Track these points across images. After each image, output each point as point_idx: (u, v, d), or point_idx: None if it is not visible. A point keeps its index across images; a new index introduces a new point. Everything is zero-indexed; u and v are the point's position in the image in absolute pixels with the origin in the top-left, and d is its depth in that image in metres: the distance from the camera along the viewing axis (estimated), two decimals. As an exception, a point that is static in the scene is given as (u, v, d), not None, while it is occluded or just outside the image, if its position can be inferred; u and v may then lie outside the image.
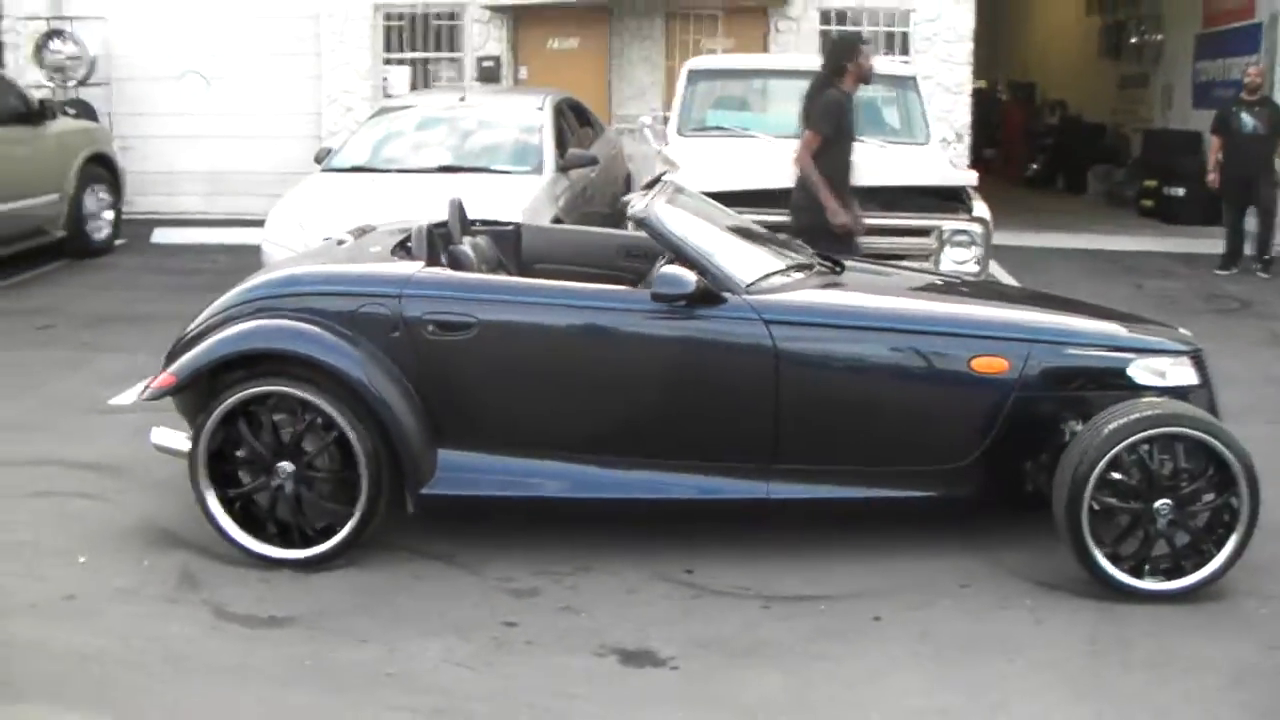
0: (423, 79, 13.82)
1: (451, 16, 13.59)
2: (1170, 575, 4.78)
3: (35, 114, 11.31)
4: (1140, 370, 5.12)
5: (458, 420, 5.06)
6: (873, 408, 5.03)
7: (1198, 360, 5.26)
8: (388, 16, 13.82)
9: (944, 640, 4.49)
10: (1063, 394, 5.03)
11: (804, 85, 8.06)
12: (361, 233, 6.17)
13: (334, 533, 5.05)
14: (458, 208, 6.05)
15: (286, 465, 5.06)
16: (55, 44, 13.93)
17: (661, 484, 5.05)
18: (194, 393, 5.16)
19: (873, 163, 7.77)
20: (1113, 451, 4.67)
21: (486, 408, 5.07)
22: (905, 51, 12.55)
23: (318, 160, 10.00)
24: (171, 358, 5.25)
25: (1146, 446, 4.71)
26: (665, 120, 9.61)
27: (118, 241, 12.36)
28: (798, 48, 12.49)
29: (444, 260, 5.55)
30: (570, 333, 5.04)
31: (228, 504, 5.12)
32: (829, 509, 5.16)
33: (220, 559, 5.14)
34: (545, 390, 5.04)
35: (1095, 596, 4.76)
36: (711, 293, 4.94)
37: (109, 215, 12.15)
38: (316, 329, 5.03)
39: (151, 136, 14.42)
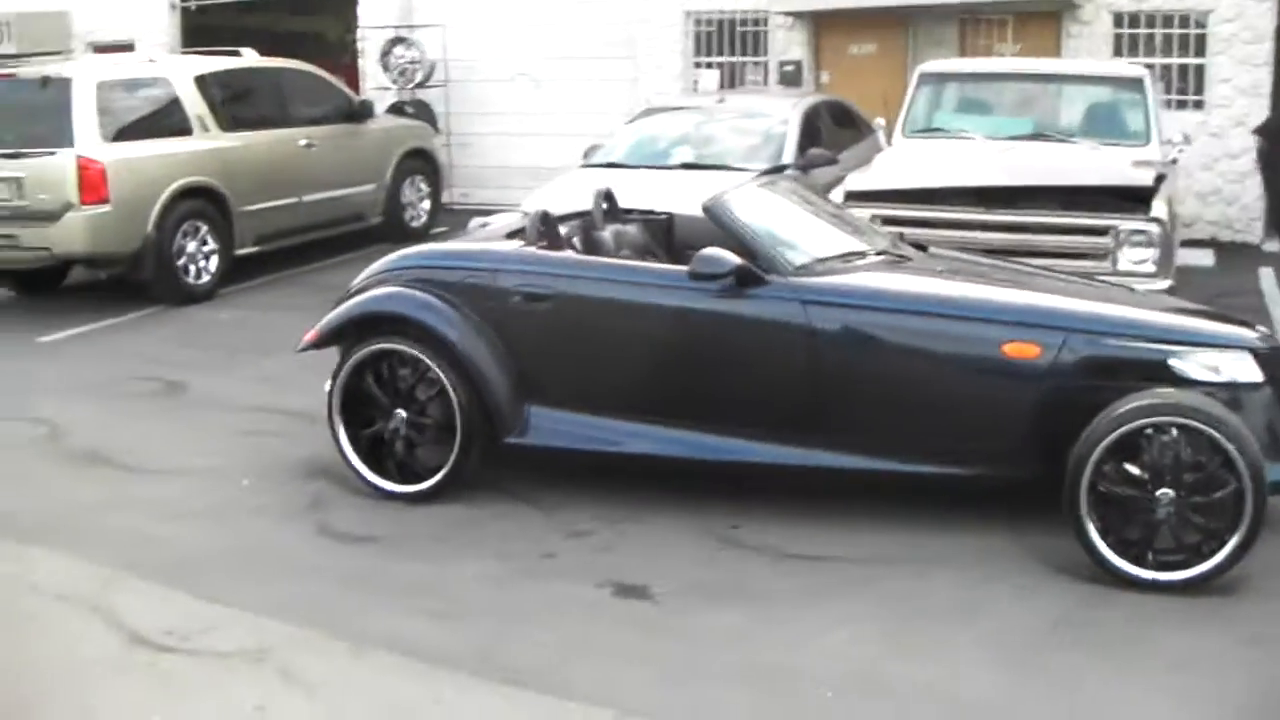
0: (730, 81, 14.74)
1: (756, 22, 14.43)
2: (1172, 567, 4.92)
3: (358, 113, 13.09)
4: (1187, 364, 5.26)
5: (542, 380, 5.94)
6: (906, 385, 5.47)
7: (1263, 357, 5.33)
8: (698, 22, 14.84)
9: (916, 604, 4.91)
10: (1099, 383, 5.23)
11: (1032, 88, 8.40)
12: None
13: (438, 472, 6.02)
14: (602, 197, 6.91)
15: (401, 412, 6.09)
16: (399, 50, 15.88)
17: (710, 445, 5.70)
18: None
19: (1061, 163, 8.00)
20: (1111, 437, 4.91)
21: (563, 370, 5.92)
22: (1201, 53, 12.28)
23: (585, 156, 11.09)
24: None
25: (1150, 435, 4.90)
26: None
27: (436, 229, 13.97)
28: (1090, 52, 12.48)
29: (577, 244, 6.42)
30: (625, 306, 5.81)
31: (355, 442, 6.20)
32: (868, 479, 5.61)
33: (350, 490, 6.24)
34: (607, 356, 5.84)
35: (1093, 581, 5.00)
36: (753, 274, 5.55)
37: (426, 205, 13.85)
38: (428, 296, 6.06)
39: (486, 134, 16.10)
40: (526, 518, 5.91)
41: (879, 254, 6.03)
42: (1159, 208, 7.72)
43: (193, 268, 11.05)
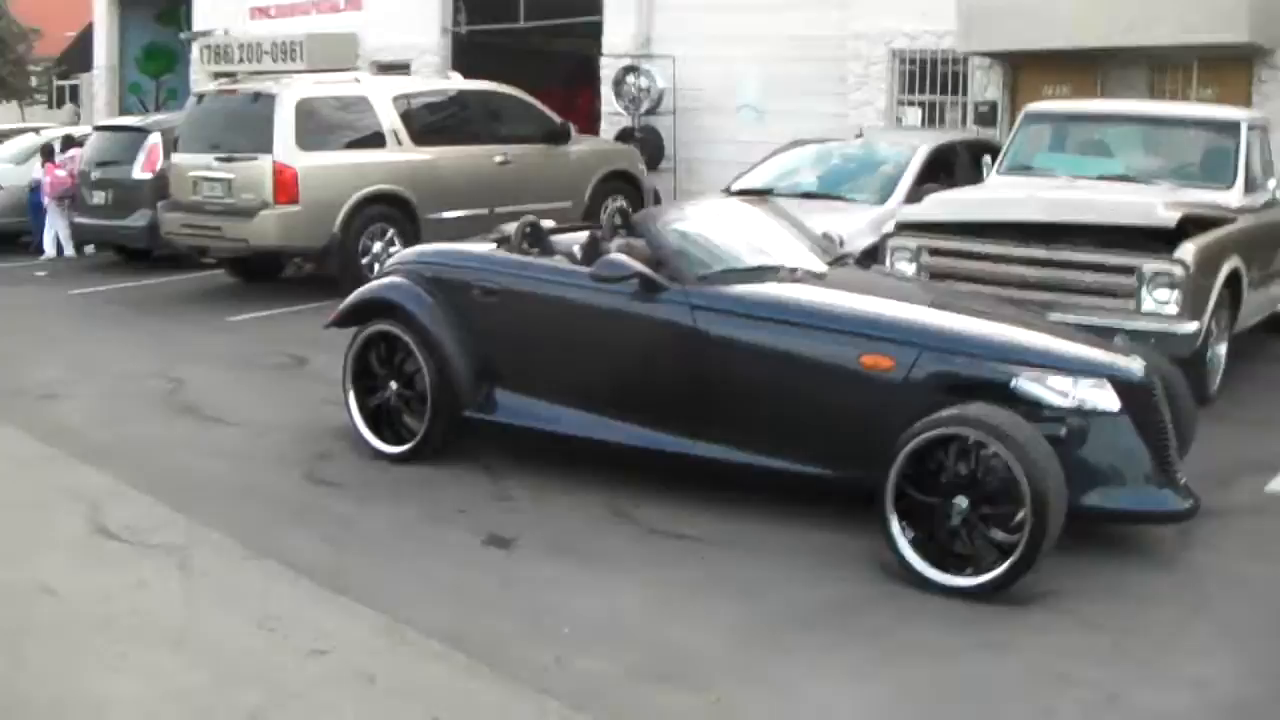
0: (931, 119, 15.41)
1: (957, 62, 15.04)
2: (963, 573, 5.49)
3: (558, 134, 14.56)
4: (1032, 385, 5.79)
5: (497, 364, 7.10)
6: (777, 388, 6.26)
7: (1124, 388, 5.83)
8: (903, 61, 15.57)
9: (715, 580, 5.69)
10: (949, 398, 5.79)
11: (1131, 130, 8.93)
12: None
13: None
14: (614, 213, 8.02)
15: (393, 384, 7.40)
16: (630, 78, 17.31)
17: (621, 430, 6.68)
18: None
19: (1099, 200, 8.52)
20: (910, 445, 5.61)
21: (511, 356, 7.05)
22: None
23: (730, 184, 12.15)
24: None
25: (949, 446, 5.58)
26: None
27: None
28: (1280, 97, 12.54)
29: (576, 251, 7.54)
30: (553, 302, 6.87)
31: (363, 408, 7.54)
32: (748, 473, 6.45)
33: (355, 448, 7.56)
34: (541, 345, 6.93)
35: (895, 580, 5.63)
36: (652, 280, 6.53)
37: (623, 222, 15.15)
38: (416, 288, 7.32)
39: (710, 160, 17.27)
40: (474, 482, 7.05)
41: (794, 269, 6.78)
42: (1185, 250, 8.07)
43: (377, 265, 12.68)
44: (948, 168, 11.52)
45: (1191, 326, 8.09)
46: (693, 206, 7.75)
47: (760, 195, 9.61)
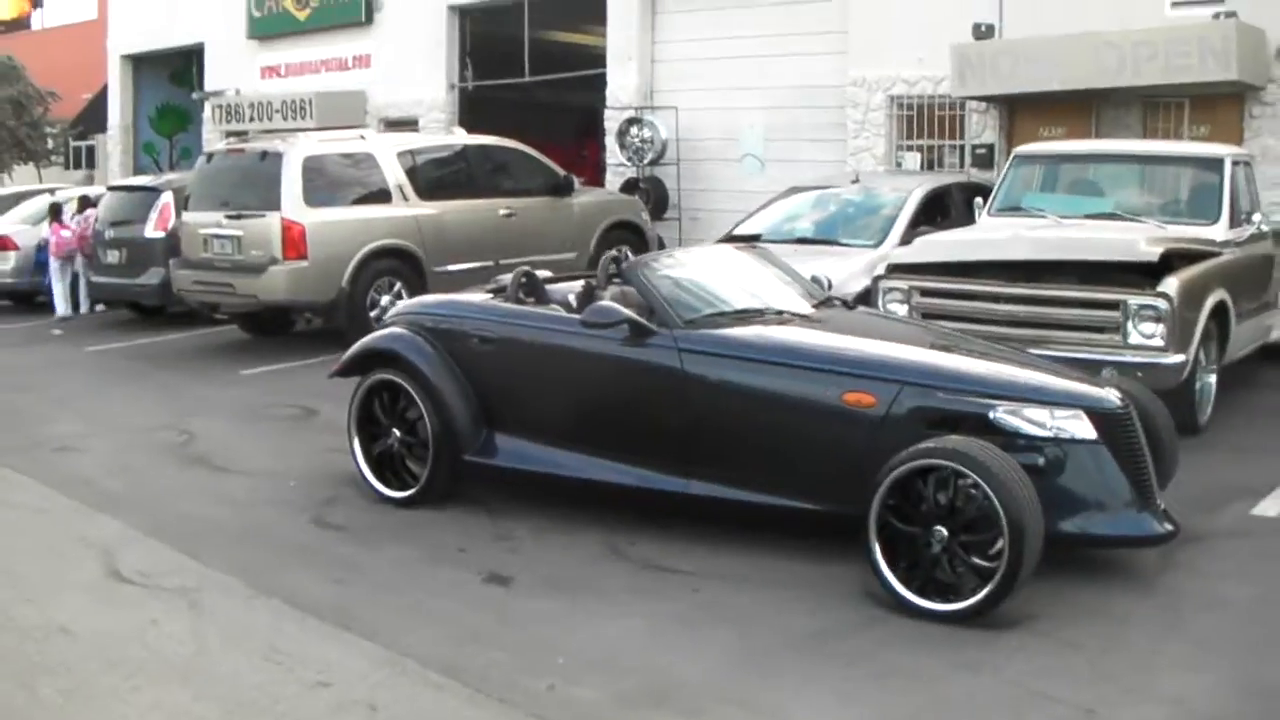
0: (930, 163, 15.70)
1: (954, 107, 15.34)
2: (944, 599, 5.71)
3: (562, 186, 14.88)
4: (1011, 418, 6.02)
5: (496, 409, 7.35)
6: (763, 426, 6.50)
7: (1098, 416, 6.05)
8: (901, 106, 15.88)
9: (705, 610, 5.91)
10: (930, 431, 6.02)
11: (1118, 169, 9.18)
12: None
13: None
14: (609, 261, 8.28)
15: (396, 431, 7.65)
16: (634, 130, 17.66)
17: (617, 472, 6.92)
18: None
19: (1083, 239, 8.77)
20: (892, 475, 5.83)
21: (509, 401, 7.30)
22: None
23: (730, 230, 12.43)
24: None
25: (928, 477, 5.81)
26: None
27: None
28: (1273, 133, 12.77)
29: (572, 300, 7.78)
30: (547, 349, 7.12)
31: (368, 454, 7.79)
32: (738, 510, 6.67)
33: (362, 494, 7.81)
34: (538, 391, 7.18)
35: (882, 607, 5.85)
36: (641, 325, 6.77)
37: (625, 273, 15.43)
38: (416, 338, 7.58)
39: (714, 210, 17.57)
40: (475, 523, 7.28)
41: (780, 312, 7.03)
42: (1169, 284, 8.30)
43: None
44: (943, 210, 11.78)
45: (1178, 358, 8.31)
46: (682, 253, 8.03)
47: (749, 241, 9.83)
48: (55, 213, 16.46)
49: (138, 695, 5.05)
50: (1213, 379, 9.00)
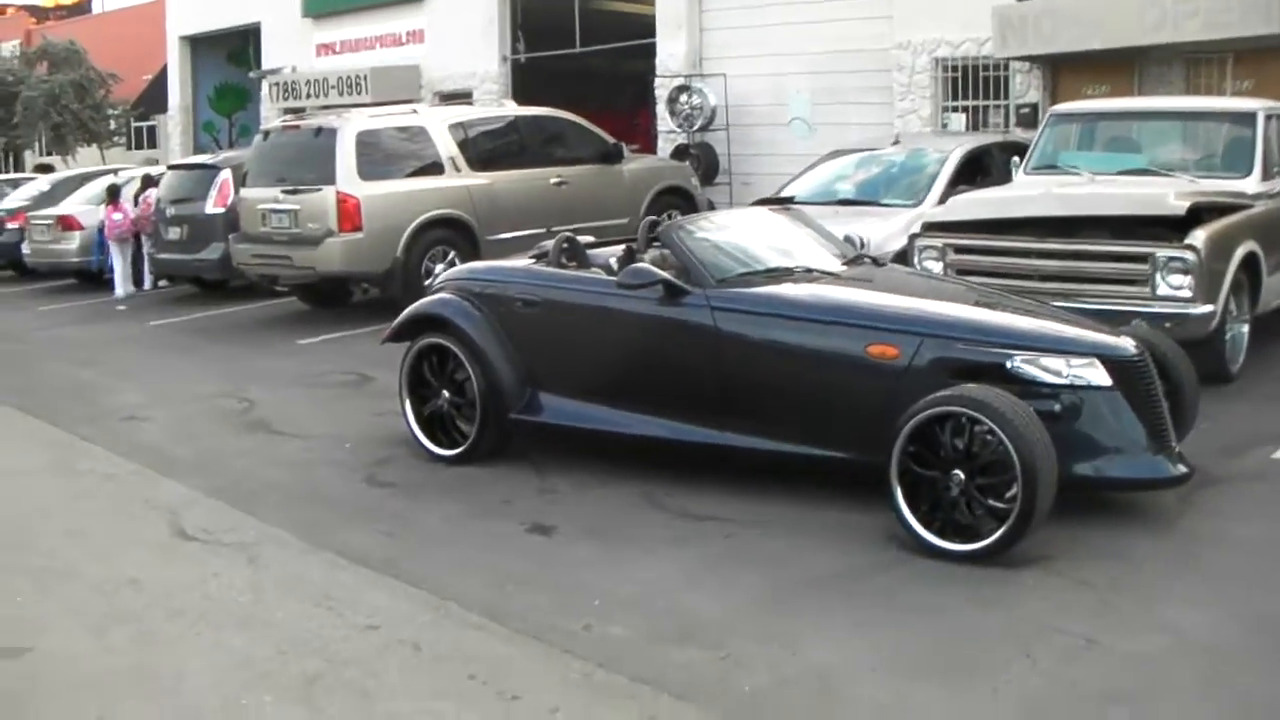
0: (975, 124, 15.86)
1: (998, 67, 15.48)
2: (962, 539, 5.99)
3: (612, 154, 15.19)
4: (1027, 366, 6.28)
5: (539, 369, 7.70)
6: (791, 379, 6.78)
7: (1114, 364, 6.30)
8: (946, 68, 16.04)
9: (738, 554, 6.23)
10: (951, 380, 6.28)
11: (1153, 125, 9.36)
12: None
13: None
14: (647, 226, 8.59)
15: (445, 392, 8.03)
16: (683, 98, 17.95)
17: (651, 425, 7.26)
18: None
19: (1113, 194, 8.98)
20: (911, 423, 6.13)
21: (551, 361, 7.64)
22: None
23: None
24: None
25: (945, 423, 6.09)
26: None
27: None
28: (1321, 85, 12.84)
29: (613, 263, 8.12)
30: (588, 310, 7.46)
31: (419, 415, 8.18)
32: (770, 459, 6.97)
33: (414, 453, 8.20)
34: (578, 350, 7.51)
35: (905, 549, 6.14)
36: (675, 285, 7.10)
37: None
38: (463, 302, 7.95)
39: (763, 174, 17.81)
40: (520, 478, 7.63)
41: (809, 270, 7.32)
42: (1196, 236, 8.50)
43: (438, 287, 13.39)
44: (984, 170, 11.96)
45: (1206, 309, 8.49)
46: (716, 216, 8.33)
47: (783, 203, 10.10)
48: (113, 195, 17.00)
49: (199, 639, 5.45)
50: (1245, 329, 9.16)
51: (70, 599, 6.02)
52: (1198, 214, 8.66)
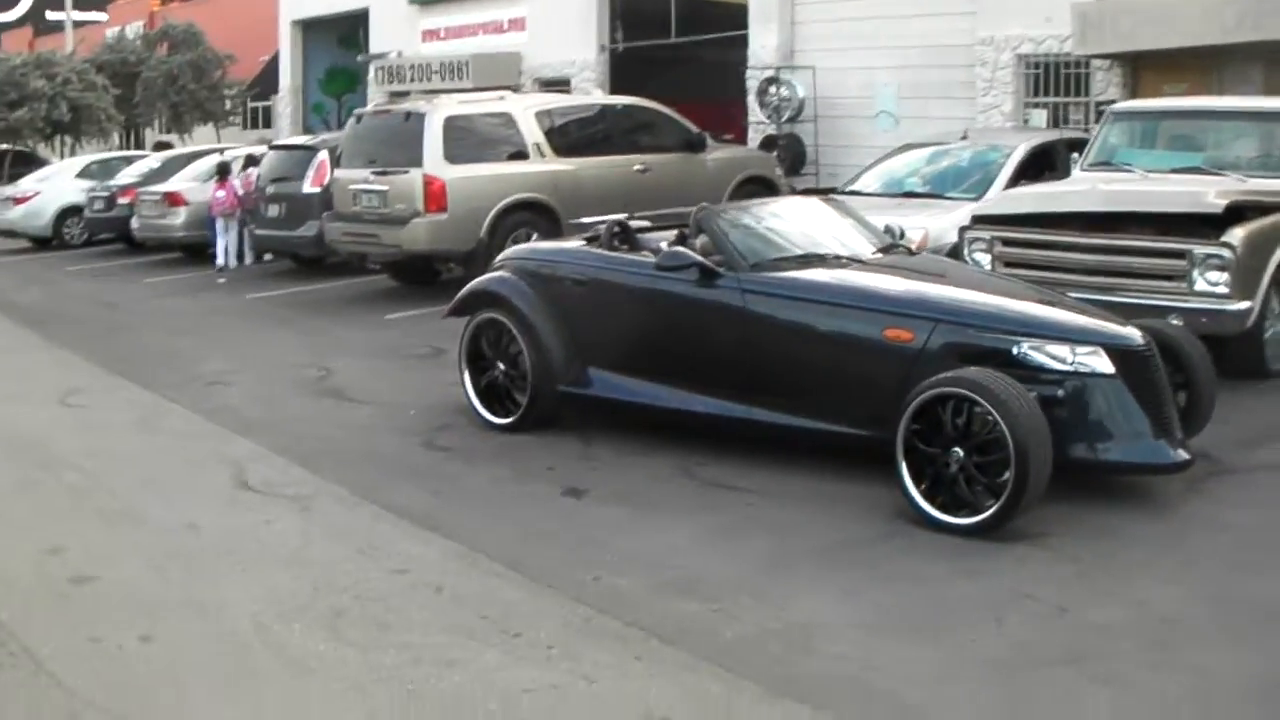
0: (1056, 121, 16.07)
1: (1079, 64, 15.68)
2: (959, 514, 6.40)
3: (695, 143, 15.67)
4: (1033, 352, 6.64)
5: (587, 345, 8.22)
6: (815, 359, 7.23)
7: (1118, 353, 6.63)
8: (1029, 65, 16.27)
9: (753, 522, 6.66)
10: (962, 365, 6.63)
11: (1211, 124, 9.66)
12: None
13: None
14: (698, 212, 9.06)
15: (500, 364, 8.60)
16: (773, 89, 18.36)
17: (687, 400, 7.75)
18: None
19: (1156, 192, 9.28)
20: (915, 403, 6.54)
21: (598, 337, 8.16)
22: None
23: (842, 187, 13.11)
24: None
25: (946, 403, 6.50)
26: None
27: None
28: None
29: (663, 246, 8.61)
30: (631, 290, 7.97)
31: (477, 386, 8.76)
32: (799, 435, 7.40)
33: (472, 421, 8.77)
34: (622, 327, 8.03)
35: (909, 522, 6.57)
36: (709, 269, 7.57)
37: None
38: (518, 281, 8.50)
39: (850, 166, 18.04)
40: (567, 447, 8.16)
41: (840, 257, 7.75)
42: (1234, 234, 8.75)
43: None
44: (1050, 165, 12.25)
45: (1243, 305, 8.72)
46: (757, 204, 8.75)
47: (825, 193, 10.50)
48: (222, 172, 17.87)
49: (245, 576, 6.06)
50: (1285, 326, 9.38)
51: (137, 538, 6.68)
52: (1240, 212, 8.89)
